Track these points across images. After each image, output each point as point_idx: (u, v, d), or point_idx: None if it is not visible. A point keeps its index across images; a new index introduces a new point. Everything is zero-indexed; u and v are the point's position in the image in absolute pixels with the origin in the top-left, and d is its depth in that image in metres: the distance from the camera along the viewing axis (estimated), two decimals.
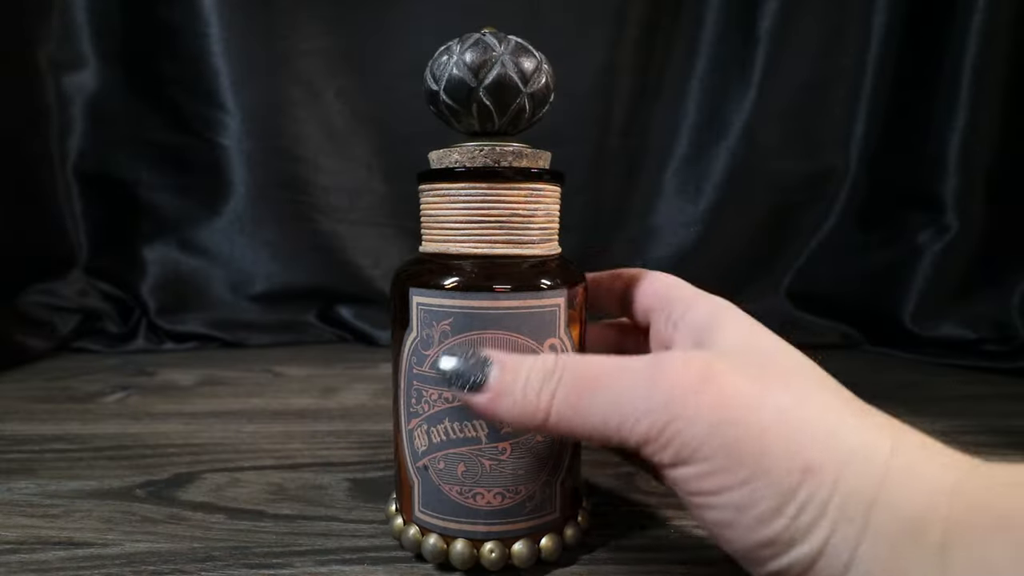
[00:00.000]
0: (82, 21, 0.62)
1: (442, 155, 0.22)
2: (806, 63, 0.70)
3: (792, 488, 0.14)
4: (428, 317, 0.21)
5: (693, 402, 0.15)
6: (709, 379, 0.15)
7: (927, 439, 0.15)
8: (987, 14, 0.60)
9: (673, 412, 0.15)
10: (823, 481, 0.14)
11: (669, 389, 0.15)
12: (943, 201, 0.65)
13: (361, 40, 0.67)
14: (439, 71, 0.21)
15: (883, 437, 0.14)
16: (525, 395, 0.17)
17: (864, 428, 0.15)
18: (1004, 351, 0.60)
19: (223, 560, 0.22)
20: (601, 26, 0.69)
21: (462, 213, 0.21)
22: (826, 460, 0.14)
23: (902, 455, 0.14)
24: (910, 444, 0.14)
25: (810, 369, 0.17)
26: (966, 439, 0.37)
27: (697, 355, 0.17)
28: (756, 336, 0.18)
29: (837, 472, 0.14)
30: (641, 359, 0.17)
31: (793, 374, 0.16)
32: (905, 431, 0.15)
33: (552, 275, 0.21)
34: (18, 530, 0.24)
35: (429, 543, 0.21)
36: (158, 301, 0.65)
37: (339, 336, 0.67)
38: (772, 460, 0.14)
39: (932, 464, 0.14)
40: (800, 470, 0.14)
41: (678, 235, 0.74)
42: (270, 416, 0.40)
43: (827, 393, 0.16)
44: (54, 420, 0.38)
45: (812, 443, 0.14)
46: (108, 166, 0.64)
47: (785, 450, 0.14)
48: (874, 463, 0.14)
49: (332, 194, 0.68)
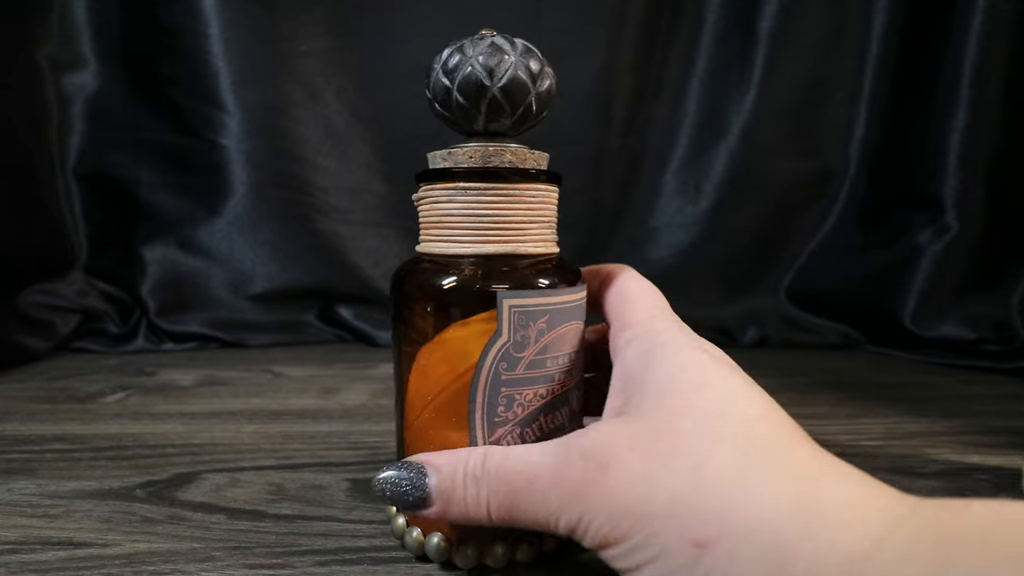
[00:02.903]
0: (82, 21, 0.62)
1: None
2: (806, 63, 0.71)
3: (689, 564, 0.14)
4: (523, 319, 0.20)
5: (593, 493, 0.16)
6: (606, 466, 0.16)
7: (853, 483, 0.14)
8: (987, 14, 0.60)
9: (580, 507, 0.16)
10: (719, 552, 0.14)
11: (572, 487, 0.17)
12: (943, 201, 0.65)
13: (361, 40, 0.67)
14: (453, 70, 0.21)
15: (797, 495, 0.14)
16: (466, 503, 0.18)
17: (774, 488, 0.14)
18: (1004, 351, 0.60)
19: (223, 560, 0.22)
20: (601, 26, 0.69)
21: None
22: (722, 531, 0.14)
23: (817, 514, 0.13)
24: (830, 497, 0.14)
25: (733, 413, 0.16)
26: (966, 439, 0.37)
27: (598, 439, 0.17)
28: (682, 383, 0.17)
29: (733, 545, 0.14)
30: (548, 454, 0.18)
31: (702, 433, 0.16)
32: (829, 479, 0.14)
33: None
34: (18, 530, 0.24)
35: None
36: (158, 301, 0.65)
37: (339, 336, 0.68)
38: (666, 539, 0.15)
39: (848, 525, 0.13)
40: (693, 546, 0.14)
41: (677, 235, 0.74)
42: (270, 416, 0.40)
43: (742, 447, 0.15)
44: (54, 420, 0.38)
45: (704, 516, 0.14)
46: (108, 166, 0.64)
47: (676, 528, 0.15)
48: (782, 527, 0.13)
49: (332, 194, 0.68)
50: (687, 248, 0.74)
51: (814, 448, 0.16)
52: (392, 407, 0.42)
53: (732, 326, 0.70)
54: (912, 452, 0.35)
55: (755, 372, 0.19)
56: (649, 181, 0.75)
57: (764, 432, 0.16)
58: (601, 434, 0.17)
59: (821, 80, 0.71)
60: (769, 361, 0.62)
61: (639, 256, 0.74)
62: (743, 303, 0.73)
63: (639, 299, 0.21)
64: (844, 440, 0.36)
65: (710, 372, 0.18)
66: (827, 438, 0.36)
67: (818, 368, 0.59)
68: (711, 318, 0.70)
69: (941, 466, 0.33)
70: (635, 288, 0.22)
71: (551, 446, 0.18)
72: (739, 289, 0.74)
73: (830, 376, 0.55)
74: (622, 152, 0.73)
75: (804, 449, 0.15)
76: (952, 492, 0.29)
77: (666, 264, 0.73)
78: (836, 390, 0.49)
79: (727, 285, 0.74)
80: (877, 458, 0.33)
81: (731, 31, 0.71)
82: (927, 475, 0.31)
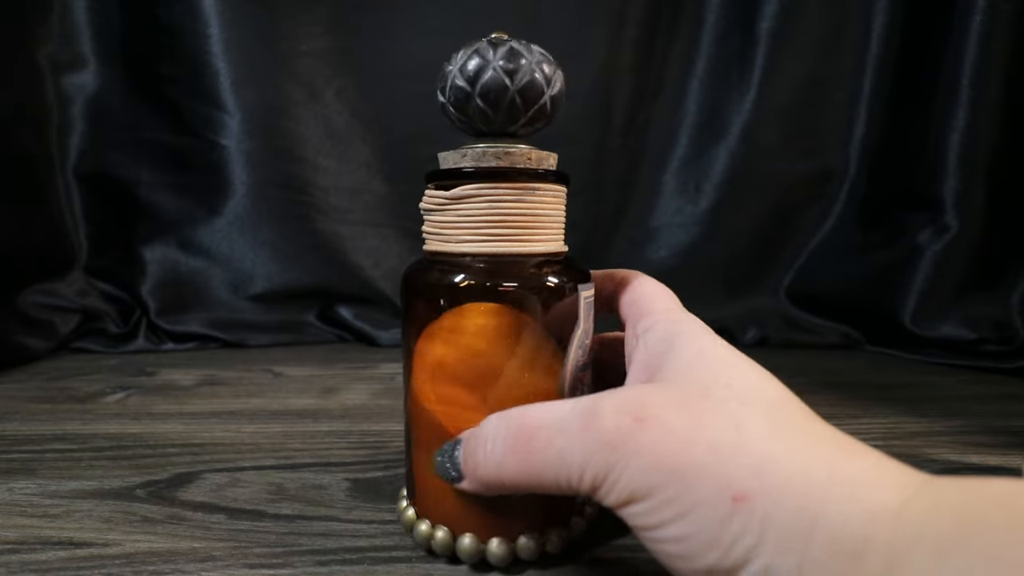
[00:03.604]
0: (82, 21, 0.62)
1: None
2: (806, 63, 0.71)
3: (724, 518, 0.14)
4: (588, 309, 0.22)
5: (626, 447, 0.16)
6: (642, 420, 0.16)
7: (874, 458, 0.15)
8: (987, 14, 0.60)
9: (609, 460, 0.16)
10: (755, 510, 0.14)
11: (602, 438, 0.16)
12: (943, 201, 0.65)
13: (361, 40, 0.67)
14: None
15: (824, 462, 0.14)
16: (487, 465, 0.18)
17: (804, 453, 0.15)
18: (1004, 351, 0.60)
19: (223, 560, 0.22)
20: (601, 26, 0.69)
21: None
22: (758, 489, 0.14)
23: (843, 480, 0.14)
24: (853, 467, 0.14)
25: (757, 392, 0.17)
26: (966, 439, 0.37)
27: (632, 396, 0.17)
28: (707, 361, 0.18)
29: (771, 500, 0.14)
30: (576, 408, 0.17)
31: (735, 400, 0.16)
32: (851, 452, 0.15)
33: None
34: (18, 530, 0.24)
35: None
36: (158, 301, 0.65)
37: (339, 336, 0.68)
38: (703, 493, 0.14)
39: (875, 488, 0.13)
40: (730, 500, 0.14)
41: (677, 235, 0.74)
42: (270, 416, 0.40)
43: (770, 418, 0.16)
44: (54, 420, 0.38)
45: (743, 473, 0.14)
46: (108, 166, 0.64)
47: (715, 482, 0.14)
48: (812, 490, 0.14)
49: (332, 194, 0.68)
50: (687, 248, 0.74)
51: (833, 428, 0.16)
52: (392, 406, 0.42)
53: (732, 326, 0.70)
54: (912, 452, 0.35)
55: None
56: (649, 181, 0.75)
57: (788, 408, 0.16)
58: (635, 392, 0.17)
59: (821, 80, 0.71)
60: (769, 361, 0.61)
61: (639, 256, 0.74)
62: (743, 303, 0.73)
63: (657, 296, 0.22)
64: None
65: (732, 356, 0.18)
66: None
67: (818, 368, 0.59)
68: (711, 318, 0.69)
69: (941, 466, 0.33)
70: (652, 290, 0.23)
71: (577, 402, 0.18)
72: (739, 289, 0.74)
73: (830, 376, 0.55)
74: (622, 152, 0.73)
75: (825, 427, 0.16)
76: None
77: (666, 264, 0.73)
78: (836, 390, 0.49)
79: (727, 285, 0.74)
80: None
81: (731, 31, 0.71)
82: None
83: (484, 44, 0.21)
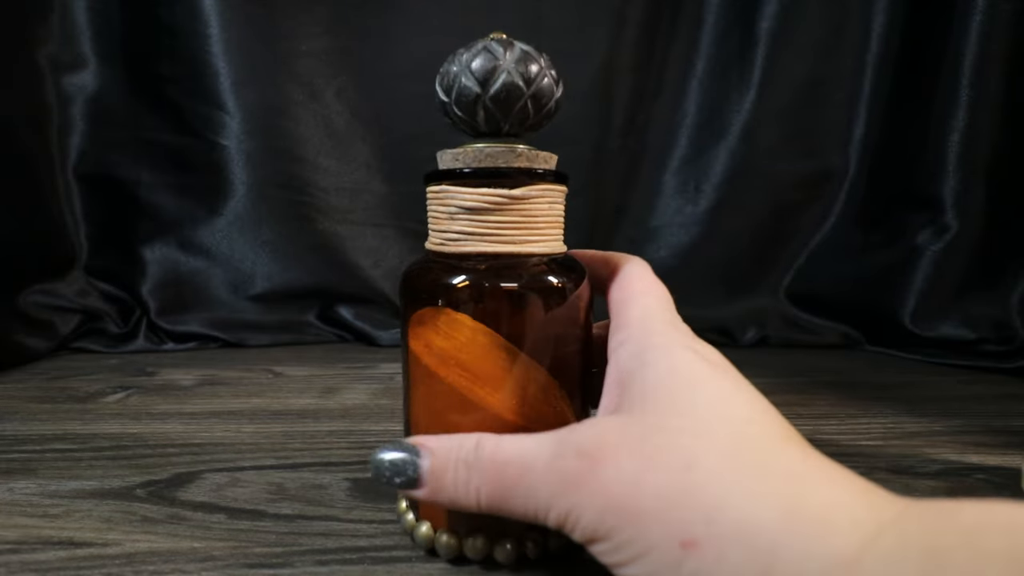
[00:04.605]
0: (82, 21, 0.62)
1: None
2: (806, 63, 0.71)
3: (675, 563, 0.14)
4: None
5: (583, 488, 0.16)
6: (598, 461, 0.16)
7: (838, 489, 0.14)
8: (987, 14, 0.60)
9: (570, 502, 0.16)
10: (705, 556, 0.14)
11: (563, 479, 0.17)
12: (943, 201, 0.65)
13: (361, 40, 0.67)
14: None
15: (780, 501, 0.14)
16: (456, 489, 0.18)
17: (759, 491, 0.14)
18: (1004, 351, 0.60)
19: (223, 560, 0.22)
20: (601, 26, 0.69)
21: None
22: (706, 535, 0.14)
23: (800, 521, 0.13)
24: (814, 504, 0.14)
25: (720, 417, 0.16)
26: (966, 439, 0.37)
27: (591, 434, 0.17)
28: (674, 383, 0.18)
29: (720, 548, 0.14)
30: (542, 445, 0.18)
31: (692, 433, 0.16)
32: (814, 484, 0.14)
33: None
34: (18, 530, 0.24)
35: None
36: (158, 301, 0.65)
37: (339, 336, 0.68)
38: (653, 537, 0.15)
39: (835, 530, 0.13)
40: (680, 546, 0.14)
41: (677, 235, 0.74)
42: (270, 416, 0.40)
43: (726, 452, 0.15)
44: (54, 420, 0.38)
45: (693, 518, 0.14)
46: (108, 166, 0.64)
47: (664, 528, 0.14)
48: (765, 535, 0.13)
49: (332, 194, 0.68)
50: (687, 248, 0.74)
51: (805, 450, 0.15)
52: (392, 407, 0.42)
53: (732, 326, 0.70)
54: (912, 452, 0.35)
55: (755, 372, 0.19)
56: (649, 181, 0.75)
57: (753, 434, 0.16)
58: (594, 430, 0.17)
59: (821, 80, 0.71)
60: (769, 361, 0.62)
61: (639, 256, 0.74)
62: (743, 303, 0.73)
63: (639, 300, 0.21)
64: (844, 440, 0.36)
65: (702, 374, 0.18)
66: (827, 438, 0.36)
67: (818, 368, 0.59)
68: (711, 318, 0.70)
69: (941, 466, 0.33)
70: (638, 288, 0.22)
71: (546, 438, 0.18)
72: (739, 289, 0.74)
73: (830, 376, 0.55)
74: (622, 152, 0.73)
75: (794, 451, 0.15)
76: (952, 492, 0.29)
77: (666, 264, 0.73)
78: (836, 390, 0.49)
79: (727, 285, 0.74)
80: None
81: (731, 31, 0.71)
82: (927, 475, 0.31)
83: (494, 44, 0.21)
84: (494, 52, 0.21)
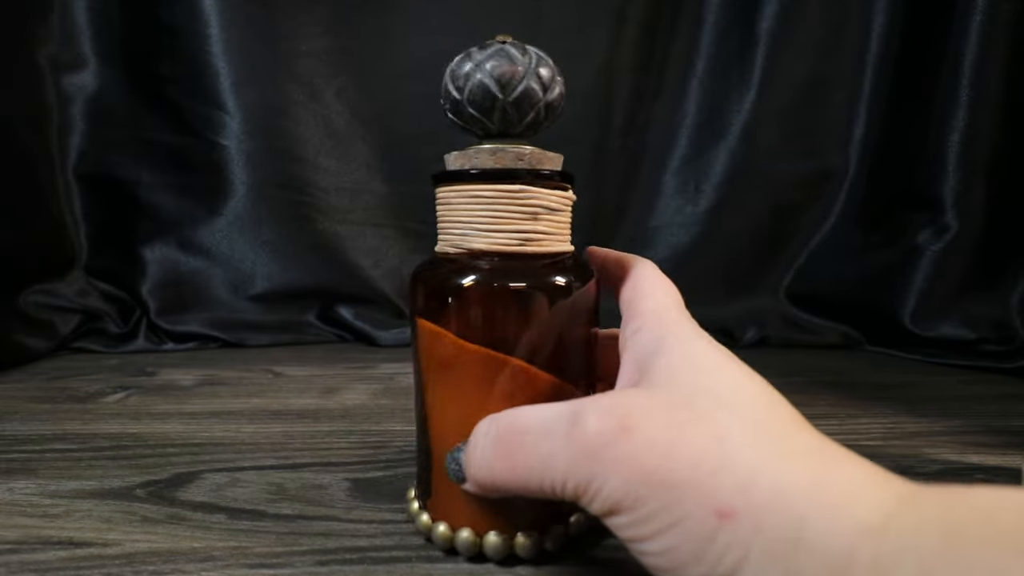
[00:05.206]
0: (82, 21, 0.62)
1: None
2: (806, 63, 0.71)
3: (709, 534, 0.14)
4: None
5: (608, 456, 0.16)
6: (626, 429, 0.16)
7: (859, 467, 0.14)
8: (987, 14, 0.60)
9: (592, 470, 0.16)
10: (741, 525, 0.13)
11: (586, 447, 0.16)
12: (943, 201, 0.65)
13: (361, 40, 0.67)
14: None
15: (808, 474, 0.14)
16: (479, 466, 0.19)
17: (788, 465, 0.14)
18: (1004, 351, 0.60)
19: (223, 560, 0.22)
20: (601, 26, 0.69)
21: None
22: (743, 503, 0.14)
23: (828, 492, 0.13)
24: (838, 479, 0.14)
25: (743, 399, 0.16)
26: (966, 439, 0.37)
27: (616, 403, 0.17)
28: (694, 367, 0.18)
29: (756, 516, 0.13)
30: (563, 412, 0.17)
31: (721, 408, 0.16)
32: (837, 462, 0.14)
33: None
34: (18, 530, 0.24)
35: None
36: (158, 301, 0.65)
37: (339, 336, 0.68)
38: (687, 507, 0.14)
39: (860, 501, 0.13)
40: (715, 515, 0.14)
41: (677, 235, 0.74)
42: (270, 416, 0.40)
43: (754, 428, 0.15)
44: (54, 420, 0.38)
45: (727, 487, 0.14)
46: (108, 166, 0.64)
47: (698, 497, 0.14)
48: (796, 503, 0.13)
49: (332, 194, 0.68)
50: (687, 248, 0.74)
51: (820, 435, 0.16)
52: (392, 406, 0.42)
53: (732, 326, 0.70)
54: (912, 452, 0.35)
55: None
56: (649, 181, 0.75)
57: (775, 417, 0.16)
58: (620, 397, 0.17)
59: (821, 80, 0.71)
60: (769, 361, 0.62)
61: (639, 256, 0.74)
62: (743, 303, 0.73)
63: (653, 295, 0.22)
64: (844, 440, 0.36)
65: (721, 361, 0.18)
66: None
67: (818, 368, 0.59)
68: (711, 318, 0.70)
69: (941, 466, 0.33)
70: (650, 285, 0.22)
71: (566, 407, 0.17)
72: (739, 289, 0.74)
73: (830, 376, 0.55)
74: (622, 152, 0.73)
75: (811, 434, 0.16)
76: None
77: (666, 264, 0.73)
78: (836, 390, 0.49)
79: (727, 285, 0.74)
80: None
81: (731, 31, 0.71)
82: (927, 475, 0.31)
83: (509, 47, 0.21)
84: (511, 55, 0.21)
